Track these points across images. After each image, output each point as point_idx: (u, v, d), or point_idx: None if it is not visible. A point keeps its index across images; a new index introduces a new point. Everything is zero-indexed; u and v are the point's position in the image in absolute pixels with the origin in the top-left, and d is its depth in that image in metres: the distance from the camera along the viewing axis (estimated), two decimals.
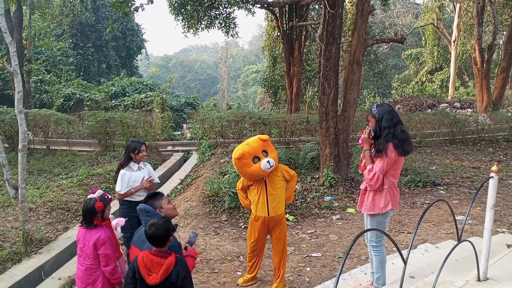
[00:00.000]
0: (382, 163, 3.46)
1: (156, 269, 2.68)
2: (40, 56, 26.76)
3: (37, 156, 12.32)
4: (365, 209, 3.68)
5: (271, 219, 4.32)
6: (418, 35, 37.49)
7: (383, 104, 3.68)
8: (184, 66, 76.24)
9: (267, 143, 4.34)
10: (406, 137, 3.50)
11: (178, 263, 2.73)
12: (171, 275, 2.68)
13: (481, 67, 18.62)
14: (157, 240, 2.73)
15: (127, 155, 4.65)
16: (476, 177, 9.68)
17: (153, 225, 2.74)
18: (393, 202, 3.57)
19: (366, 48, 9.17)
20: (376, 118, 3.57)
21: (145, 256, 2.73)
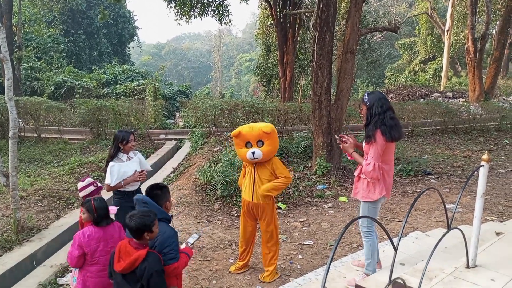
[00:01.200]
0: (374, 151, 3.50)
1: (125, 258, 2.66)
2: (31, 43, 26.36)
3: (28, 144, 12.22)
4: (359, 196, 3.72)
5: (254, 205, 4.40)
6: (412, 24, 37.45)
7: (375, 92, 3.73)
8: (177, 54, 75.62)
9: (269, 135, 4.25)
10: (395, 123, 3.55)
11: (149, 258, 2.66)
12: (137, 269, 2.64)
13: (473, 56, 18.67)
14: (132, 231, 2.70)
15: (115, 146, 4.50)
16: (467, 166, 9.77)
17: (133, 216, 2.71)
18: (386, 189, 3.63)
19: (360, 37, 9.15)
20: (367, 106, 3.63)
21: (123, 243, 2.74)
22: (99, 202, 3.32)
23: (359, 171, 3.72)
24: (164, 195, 3.22)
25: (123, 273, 2.67)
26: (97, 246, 3.22)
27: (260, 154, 4.25)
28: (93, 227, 3.28)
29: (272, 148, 4.34)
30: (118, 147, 4.50)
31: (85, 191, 3.89)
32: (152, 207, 3.00)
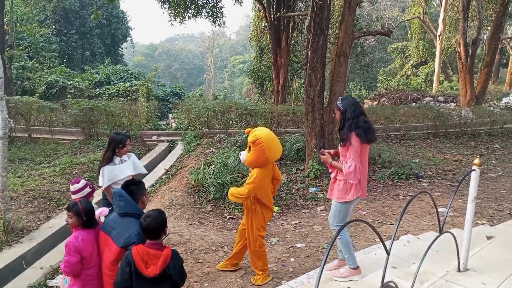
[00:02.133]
0: (352, 153, 3.65)
1: (154, 261, 2.64)
2: (22, 42, 26.11)
3: (18, 144, 12.11)
4: (335, 197, 3.85)
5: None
6: (405, 28, 37.72)
7: (348, 97, 3.93)
8: (170, 55, 75.40)
9: (252, 144, 4.17)
10: (369, 126, 3.74)
11: (174, 255, 2.73)
12: (168, 267, 2.67)
13: (465, 61, 18.83)
14: (152, 231, 2.70)
15: (112, 149, 4.40)
16: (458, 170, 9.84)
17: (148, 216, 2.71)
18: (361, 190, 3.78)
19: (353, 41, 9.19)
20: (341, 111, 3.81)
21: (140, 249, 2.67)
22: (87, 204, 3.24)
23: (336, 173, 3.87)
24: (140, 191, 3.19)
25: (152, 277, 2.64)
26: (92, 249, 3.15)
27: (243, 158, 4.33)
28: (83, 231, 3.18)
29: (253, 158, 4.20)
30: (114, 151, 4.42)
31: (81, 193, 3.68)
32: (127, 201, 3.01)
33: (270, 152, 4.17)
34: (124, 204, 3.01)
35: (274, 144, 4.25)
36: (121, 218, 3.01)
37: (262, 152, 4.13)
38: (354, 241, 5.74)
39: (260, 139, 4.12)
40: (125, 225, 2.97)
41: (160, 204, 7.37)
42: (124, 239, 2.90)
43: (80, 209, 3.16)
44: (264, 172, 4.28)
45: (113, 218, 3.10)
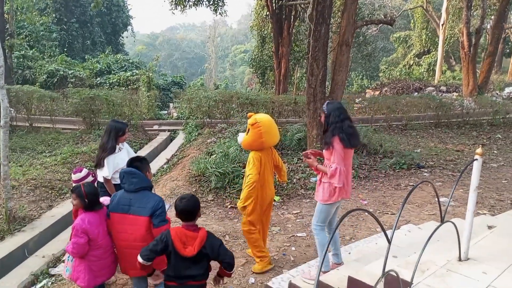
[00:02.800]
0: (336, 156, 3.65)
1: (191, 242, 2.81)
2: (23, 31, 25.97)
3: (19, 134, 12.11)
4: (320, 198, 3.85)
5: None
6: (407, 17, 37.42)
7: (334, 102, 3.97)
8: (171, 45, 75.07)
9: (251, 126, 4.26)
10: (353, 131, 3.75)
11: (210, 235, 2.89)
12: (205, 247, 2.83)
13: (468, 51, 18.72)
14: (188, 213, 2.88)
15: (115, 137, 4.33)
16: (460, 160, 9.83)
17: (184, 198, 2.91)
18: (345, 191, 3.82)
19: (356, 30, 9.12)
20: (325, 114, 3.83)
21: (179, 231, 2.84)
22: (89, 187, 3.31)
23: (321, 176, 3.87)
24: (145, 166, 3.43)
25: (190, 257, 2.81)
26: (98, 231, 3.25)
27: (240, 139, 4.41)
28: (89, 213, 3.26)
29: (250, 141, 4.29)
30: (117, 139, 4.36)
31: (84, 182, 3.66)
32: (140, 177, 3.26)
33: (267, 136, 4.25)
34: (138, 180, 3.24)
35: (272, 130, 4.33)
36: (134, 193, 3.23)
37: (259, 135, 4.21)
38: (355, 231, 5.75)
39: (260, 123, 4.23)
40: (143, 197, 3.24)
41: (162, 193, 7.38)
42: (149, 208, 3.17)
43: (82, 191, 3.24)
44: (260, 156, 4.30)
45: (123, 197, 3.27)
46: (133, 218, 3.19)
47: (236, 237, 5.47)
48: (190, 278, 2.88)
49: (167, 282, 2.96)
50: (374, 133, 10.98)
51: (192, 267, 2.87)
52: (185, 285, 2.90)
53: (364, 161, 9.12)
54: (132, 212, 3.20)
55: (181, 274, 2.87)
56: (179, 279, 2.88)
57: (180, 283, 2.89)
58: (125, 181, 3.27)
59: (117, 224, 3.25)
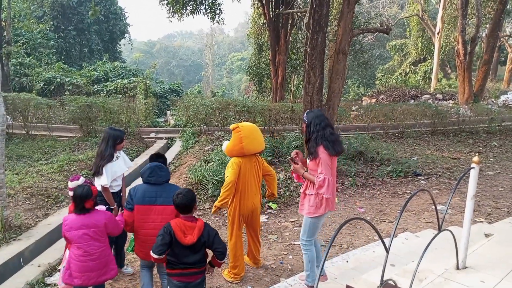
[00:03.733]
0: (323, 166, 3.57)
1: (190, 231, 3.09)
2: (20, 38, 26.01)
3: (16, 141, 12.07)
4: (306, 212, 3.80)
5: None
6: (403, 26, 37.71)
7: (313, 111, 3.92)
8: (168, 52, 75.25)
9: (233, 132, 4.34)
10: (335, 138, 3.71)
11: (206, 225, 3.18)
12: (203, 235, 3.11)
13: (463, 59, 18.85)
14: (185, 207, 3.13)
15: (113, 145, 4.33)
16: (456, 167, 9.86)
17: (180, 193, 3.15)
18: (332, 203, 3.78)
19: (352, 38, 9.17)
20: (306, 123, 3.79)
21: (178, 222, 3.12)
22: (80, 190, 3.39)
23: (305, 187, 3.81)
24: (166, 162, 3.88)
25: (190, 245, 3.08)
26: (78, 234, 3.35)
27: (224, 146, 4.48)
28: (73, 215, 3.42)
29: (230, 146, 4.32)
30: (115, 147, 4.37)
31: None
32: (166, 170, 3.66)
33: (247, 141, 4.22)
34: (165, 173, 3.62)
35: (253, 135, 4.30)
36: (160, 186, 3.58)
37: (239, 140, 4.22)
38: (352, 239, 5.74)
39: (240, 127, 4.29)
40: (169, 188, 3.60)
41: None
42: None
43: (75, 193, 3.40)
44: (240, 161, 4.28)
45: (148, 190, 3.56)
46: (162, 208, 3.53)
47: None
48: (190, 265, 3.14)
49: (169, 270, 3.18)
50: (371, 141, 11.00)
51: (192, 255, 3.12)
52: (187, 271, 3.15)
53: (361, 168, 9.13)
54: (159, 203, 3.53)
55: (182, 261, 3.12)
56: (181, 265, 3.13)
57: (182, 269, 3.13)
58: (153, 175, 3.56)
59: (143, 215, 3.53)
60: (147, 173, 3.59)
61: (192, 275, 3.16)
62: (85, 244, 3.36)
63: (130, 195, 3.62)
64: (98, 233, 3.42)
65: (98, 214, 3.49)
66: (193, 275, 3.17)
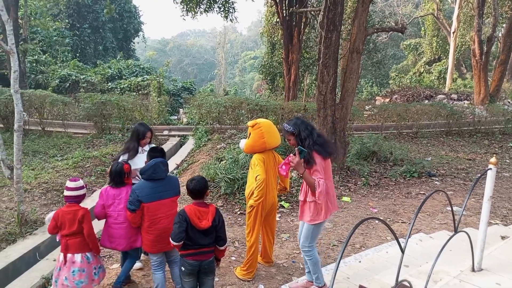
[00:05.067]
0: (317, 172, 3.46)
1: (204, 216, 3.27)
2: (36, 36, 26.36)
3: (32, 137, 12.25)
4: (307, 219, 3.72)
5: None
6: (418, 25, 37.32)
7: (293, 119, 3.79)
8: (181, 50, 75.58)
9: (251, 129, 4.36)
10: (324, 140, 3.65)
11: (217, 210, 3.37)
12: (215, 219, 3.31)
13: (479, 59, 18.58)
14: (198, 192, 3.30)
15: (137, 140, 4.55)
16: (471, 168, 9.73)
17: (194, 179, 3.34)
18: (331, 204, 3.73)
19: (366, 37, 9.11)
20: (294, 134, 3.63)
21: (192, 208, 3.29)
22: (115, 167, 3.94)
23: (304, 195, 3.73)
24: (165, 156, 4.02)
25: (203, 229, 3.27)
26: (113, 202, 3.87)
27: (242, 145, 4.46)
28: (109, 187, 3.94)
29: (251, 142, 4.34)
30: (139, 141, 4.56)
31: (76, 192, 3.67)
32: (167, 165, 3.82)
33: (268, 136, 4.28)
34: (167, 168, 3.79)
35: (272, 131, 4.37)
36: (162, 180, 3.71)
37: (261, 136, 4.26)
38: (365, 239, 5.71)
39: (260, 123, 4.33)
40: (169, 180, 3.80)
41: None
42: (178, 186, 3.90)
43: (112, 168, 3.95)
44: (263, 157, 4.31)
45: (152, 186, 3.66)
46: (170, 201, 3.76)
47: (245, 243, 5.45)
48: (203, 246, 3.34)
49: (183, 251, 3.34)
50: (384, 141, 10.93)
51: (205, 237, 3.32)
52: (200, 251, 3.34)
53: (374, 168, 9.08)
54: (166, 196, 3.72)
55: (197, 243, 3.30)
56: (195, 246, 3.31)
57: (196, 249, 3.32)
58: (158, 171, 3.67)
59: (155, 211, 3.68)
60: (151, 170, 3.65)
61: (205, 253, 3.36)
62: (117, 213, 3.85)
63: (135, 195, 3.62)
64: (120, 205, 3.87)
65: (124, 191, 3.90)
66: (206, 253, 3.36)
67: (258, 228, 4.44)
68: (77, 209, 3.64)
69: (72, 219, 3.58)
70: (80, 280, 3.58)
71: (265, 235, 4.69)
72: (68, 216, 3.59)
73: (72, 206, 3.64)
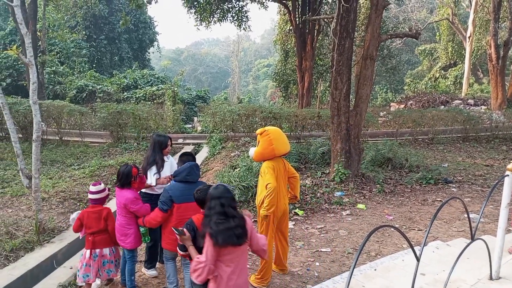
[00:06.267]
0: (204, 254, 2.93)
1: None
2: (54, 47, 26.97)
3: (50, 147, 12.48)
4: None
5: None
6: (433, 30, 37.00)
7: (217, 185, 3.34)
8: (195, 59, 76.32)
9: (260, 136, 4.42)
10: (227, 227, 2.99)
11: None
12: None
13: (496, 63, 18.32)
14: (203, 202, 3.24)
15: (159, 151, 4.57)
16: (489, 175, 9.55)
17: (199, 189, 3.34)
18: None
19: (380, 43, 9.08)
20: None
21: (200, 217, 3.24)
22: (123, 169, 4.11)
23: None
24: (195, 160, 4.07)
25: None
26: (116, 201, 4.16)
27: (251, 153, 4.51)
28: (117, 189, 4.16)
29: (260, 150, 4.36)
30: (161, 152, 4.60)
31: (100, 194, 4.17)
32: (199, 169, 3.93)
33: (277, 143, 4.31)
34: (199, 171, 3.87)
35: (281, 138, 4.40)
36: (194, 183, 3.73)
37: (269, 143, 4.30)
38: (381, 247, 5.64)
39: (268, 130, 4.38)
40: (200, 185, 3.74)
41: None
42: None
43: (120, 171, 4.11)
44: (273, 165, 4.31)
45: (184, 188, 3.74)
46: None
47: None
48: None
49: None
50: (400, 147, 10.82)
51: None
52: None
53: (389, 175, 8.98)
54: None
55: None
56: None
57: None
58: (191, 173, 3.78)
59: (184, 212, 3.73)
60: (185, 172, 3.77)
61: None
62: (118, 213, 4.15)
63: (168, 195, 3.78)
64: (119, 206, 4.11)
65: (125, 193, 4.06)
66: None
67: (271, 236, 4.43)
68: (101, 209, 4.14)
69: (97, 218, 4.08)
70: (109, 269, 4.20)
71: (278, 242, 4.68)
72: (93, 216, 4.08)
73: (96, 207, 4.13)
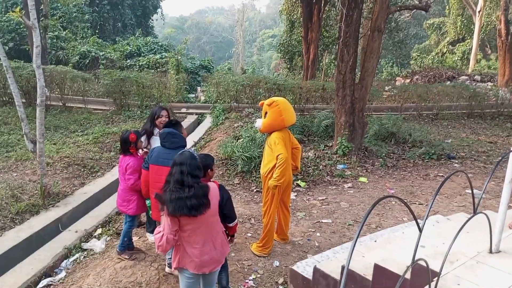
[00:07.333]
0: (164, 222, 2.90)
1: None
2: (56, 12, 26.51)
3: (53, 113, 12.48)
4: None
5: (263, 178, 4.55)
6: (442, 3, 36.12)
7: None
8: (199, 28, 75.17)
9: (269, 107, 4.39)
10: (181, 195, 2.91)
11: (222, 188, 3.27)
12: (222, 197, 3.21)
13: (505, 39, 17.98)
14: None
15: (150, 121, 4.74)
16: (492, 151, 9.55)
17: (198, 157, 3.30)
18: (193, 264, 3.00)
19: (388, 15, 8.89)
20: None
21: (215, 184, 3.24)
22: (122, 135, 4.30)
23: None
24: (180, 129, 3.94)
25: None
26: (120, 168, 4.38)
27: (259, 124, 4.50)
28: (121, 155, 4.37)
29: (270, 121, 4.37)
30: (154, 123, 4.70)
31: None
32: (179, 137, 3.80)
33: (286, 114, 4.34)
34: (178, 140, 3.78)
35: (290, 108, 4.44)
36: (173, 150, 3.64)
37: (279, 113, 4.31)
38: (381, 219, 5.72)
39: (277, 101, 4.37)
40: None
41: None
42: None
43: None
44: (282, 136, 4.35)
45: (162, 152, 3.75)
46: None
47: (261, 220, 5.52)
48: None
49: None
50: (404, 122, 10.77)
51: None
52: None
53: (392, 149, 8.99)
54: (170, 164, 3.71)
55: None
56: None
57: None
58: (167, 140, 3.76)
59: (156, 175, 3.73)
60: (161, 137, 3.83)
61: None
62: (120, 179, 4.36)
63: (147, 156, 3.94)
64: (122, 172, 4.31)
65: (127, 159, 4.23)
66: None
67: (275, 206, 4.49)
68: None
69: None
70: None
71: (280, 212, 4.74)
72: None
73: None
